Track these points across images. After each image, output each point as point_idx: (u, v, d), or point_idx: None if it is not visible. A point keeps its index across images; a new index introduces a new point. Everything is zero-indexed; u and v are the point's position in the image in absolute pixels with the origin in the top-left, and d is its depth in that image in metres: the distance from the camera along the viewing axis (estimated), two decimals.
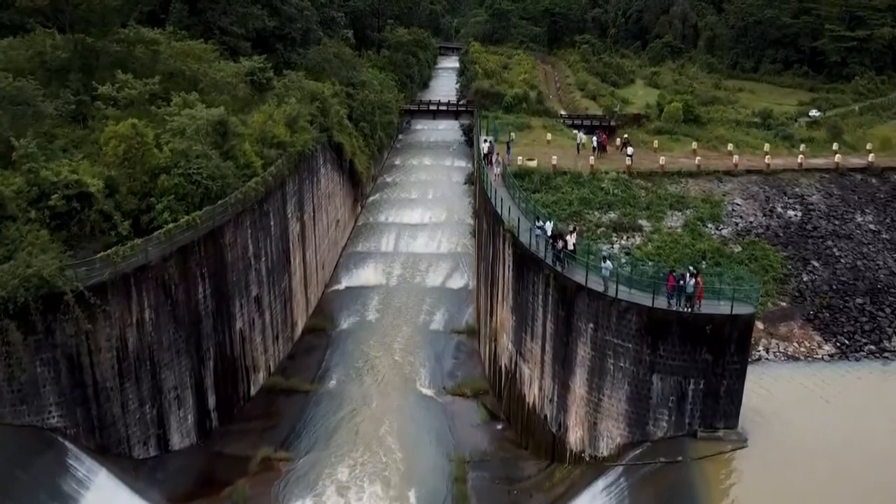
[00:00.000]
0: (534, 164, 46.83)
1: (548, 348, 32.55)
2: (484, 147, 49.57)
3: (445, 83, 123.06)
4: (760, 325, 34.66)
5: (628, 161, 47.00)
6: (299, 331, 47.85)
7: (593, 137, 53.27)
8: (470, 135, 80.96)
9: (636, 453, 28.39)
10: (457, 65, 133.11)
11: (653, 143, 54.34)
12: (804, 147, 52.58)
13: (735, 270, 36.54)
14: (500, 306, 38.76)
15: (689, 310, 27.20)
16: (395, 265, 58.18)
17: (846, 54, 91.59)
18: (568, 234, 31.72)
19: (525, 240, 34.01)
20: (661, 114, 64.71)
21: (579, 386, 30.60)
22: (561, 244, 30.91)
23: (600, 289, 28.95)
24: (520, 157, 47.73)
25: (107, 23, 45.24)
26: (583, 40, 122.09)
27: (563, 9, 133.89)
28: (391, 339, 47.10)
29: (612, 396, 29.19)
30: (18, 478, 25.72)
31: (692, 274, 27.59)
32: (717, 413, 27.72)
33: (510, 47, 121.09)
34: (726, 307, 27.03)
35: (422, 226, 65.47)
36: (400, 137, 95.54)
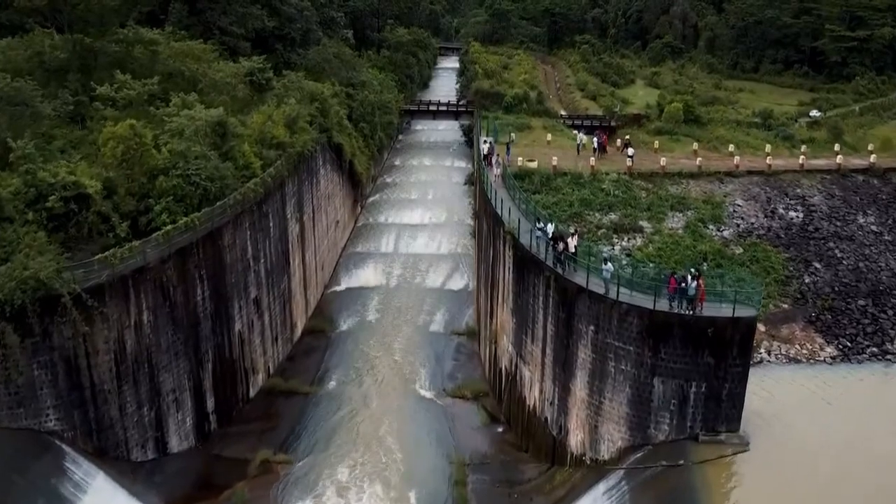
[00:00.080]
0: (534, 164, 46.63)
1: (548, 351, 32.37)
2: (484, 148, 49.34)
3: (445, 83, 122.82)
4: (762, 328, 34.51)
5: (629, 162, 46.79)
6: (299, 332, 47.63)
7: (594, 138, 53.05)
8: (470, 135, 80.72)
9: (637, 457, 28.27)
10: (457, 65, 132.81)
11: (653, 144, 54.18)
12: (805, 148, 52.42)
13: (736, 272, 36.37)
14: (501, 308, 38.58)
15: (691, 312, 27.06)
16: (395, 266, 57.99)
17: (846, 54, 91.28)
18: (569, 236, 31.52)
19: (525, 241, 33.84)
20: (661, 114, 64.44)
21: (580, 389, 30.45)
22: (561, 246, 30.72)
23: (601, 291, 28.81)
24: (520, 157, 47.52)
25: (105, 23, 45.01)
26: (583, 40, 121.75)
27: (563, 9, 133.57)
28: (391, 340, 46.93)
29: (614, 399, 29.04)
30: (15, 482, 25.65)
31: (694, 276, 27.43)
32: (719, 416, 27.60)
33: (510, 47, 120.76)
34: (728, 310, 26.88)
35: (422, 226, 65.24)
36: (400, 138, 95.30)
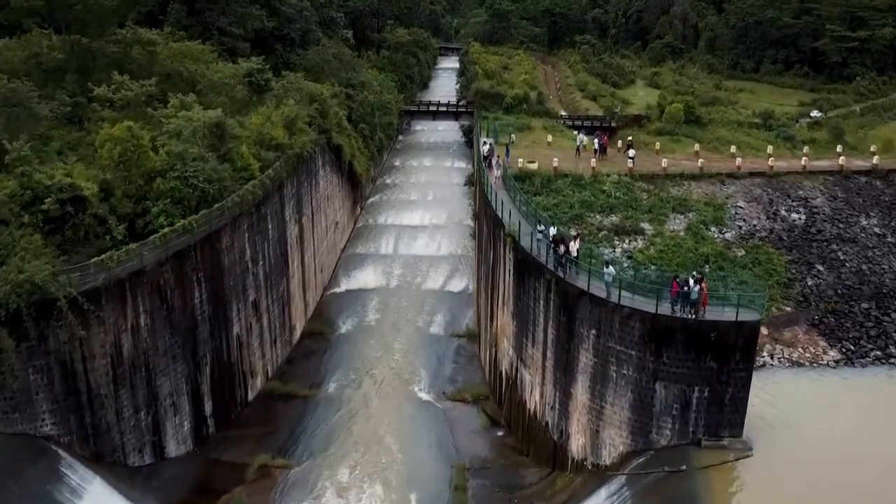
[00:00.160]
0: (534, 166, 46.36)
1: (549, 354, 32.09)
2: (484, 149, 49.04)
3: (445, 84, 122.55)
4: (765, 331, 34.17)
5: (630, 163, 46.49)
6: (298, 334, 47.33)
7: (594, 139, 52.74)
8: (470, 136, 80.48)
9: (639, 462, 27.99)
10: (457, 65, 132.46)
11: (654, 145, 53.81)
12: (807, 149, 52.14)
13: (738, 275, 36.10)
14: (501, 311, 38.30)
15: (694, 316, 26.79)
16: (395, 267, 57.70)
17: (847, 55, 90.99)
18: (571, 239, 31.16)
19: (526, 244, 33.55)
20: (661, 115, 64.12)
21: (581, 393, 30.17)
22: (563, 249, 30.41)
23: (603, 294, 28.52)
24: (520, 159, 47.23)
25: (103, 23, 44.65)
26: (583, 41, 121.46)
27: (564, 9, 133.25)
28: (391, 342, 46.66)
29: (615, 404, 28.77)
30: (11, 488, 25.39)
31: (696, 280, 27.14)
32: (722, 421, 27.33)
33: (510, 48, 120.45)
34: (731, 314, 26.61)
35: (421, 228, 64.96)
36: (400, 138, 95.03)
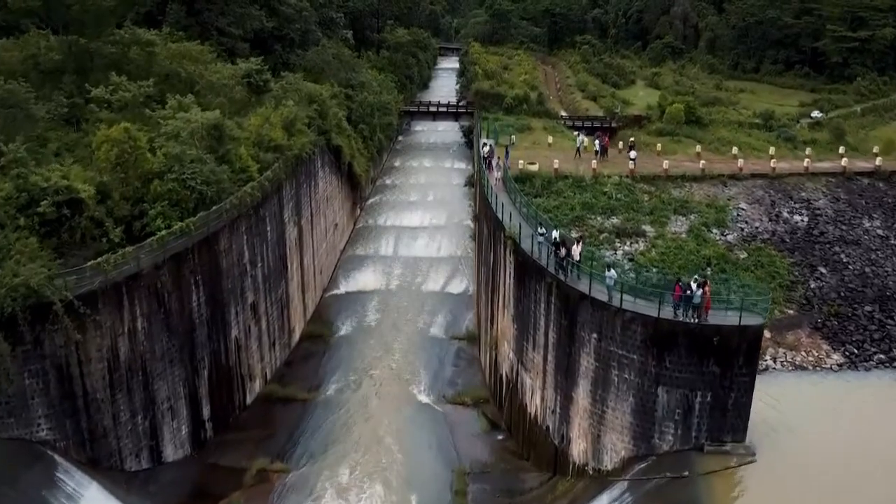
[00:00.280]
0: (535, 168, 46.06)
1: (550, 358, 31.80)
2: (484, 150, 48.76)
3: (445, 84, 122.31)
4: (767, 334, 33.84)
5: (631, 165, 46.19)
6: (297, 337, 47.02)
7: (595, 140, 52.45)
8: (470, 136, 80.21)
9: (641, 467, 27.71)
10: (457, 65, 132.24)
11: (655, 146, 53.48)
12: (809, 150, 51.87)
13: (741, 277, 35.81)
14: (501, 314, 38.01)
15: (696, 321, 26.50)
16: (395, 269, 57.44)
17: (848, 55, 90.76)
18: (573, 242, 30.79)
19: (527, 247, 33.26)
20: (662, 115, 63.87)
21: (582, 397, 29.88)
22: (564, 252, 30.10)
23: (604, 298, 28.23)
24: (521, 160, 46.94)
25: (101, 24, 44.40)
26: (583, 41, 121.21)
27: (564, 9, 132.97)
28: (390, 345, 46.37)
29: (617, 409, 28.49)
30: (6, 493, 25.11)
31: (700, 283, 26.84)
32: (725, 426, 27.04)
33: (510, 48, 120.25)
34: (734, 318, 26.35)
35: (421, 229, 64.72)
36: (399, 139, 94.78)
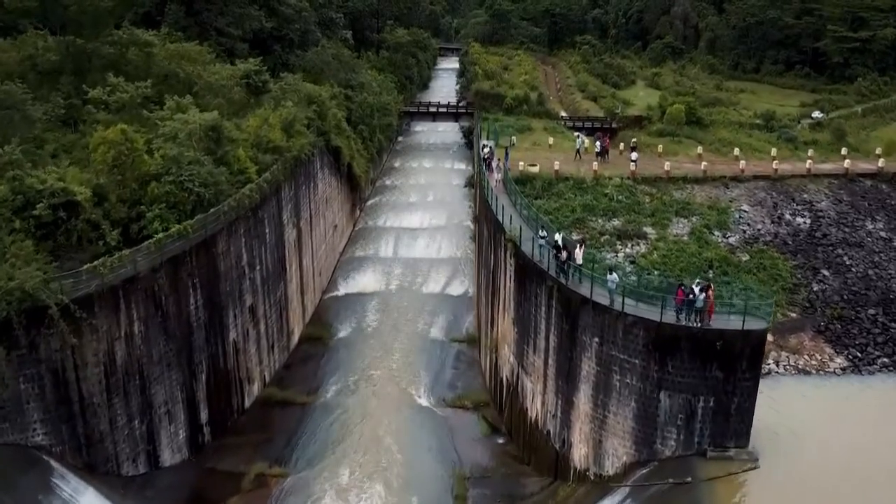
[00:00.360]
0: (536, 169, 45.74)
1: (551, 362, 31.50)
2: (484, 152, 48.46)
3: (445, 84, 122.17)
4: (770, 337, 33.42)
5: (632, 166, 45.86)
6: (296, 339, 46.73)
7: (596, 141, 52.12)
8: (470, 137, 79.99)
9: (643, 473, 27.41)
10: (457, 66, 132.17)
11: (657, 147, 53.14)
12: (811, 152, 51.58)
13: (743, 280, 35.51)
14: (502, 317, 37.72)
15: (699, 325, 26.21)
16: (394, 270, 57.14)
17: (848, 55, 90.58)
18: (576, 247, 30.44)
19: (527, 249, 32.97)
20: (662, 116, 63.58)
21: (584, 402, 29.59)
22: (565, 255, 29.79)
23: (606, 302, 27.94)
24: (521, 161, 46.64)
25: (99, 24, 44.17)
26: (583, 41, 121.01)
27: (564, 9, 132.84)
28: (390, 347, 46.07)
29: (618, 413, 28.20)
30: (1, 499, 24.86)
31: (703, 287, 26.54)
32: (728, 432, 26.74)
33: (510, 48, 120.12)
34: (737, 322, 26.03)
35: (421, 230, 64.45)
36: (399, 139, 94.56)
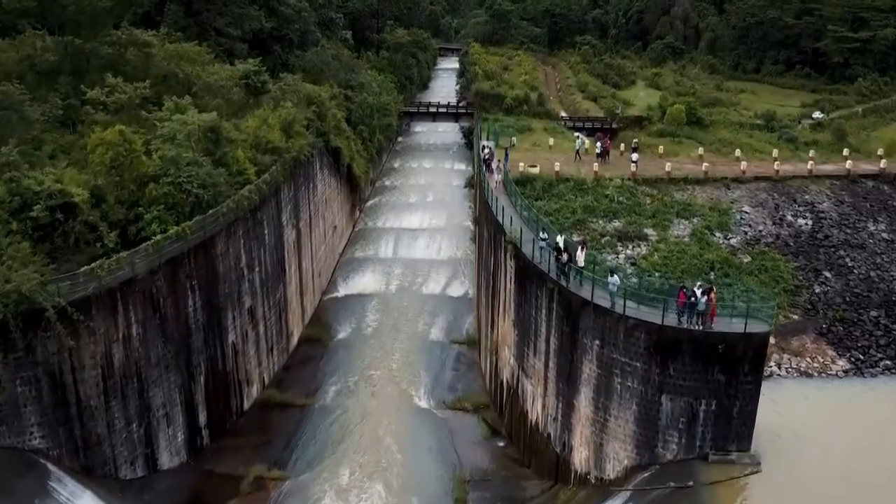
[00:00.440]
0: (536, 170, 45.54)
1: (551, 365, 31.30)
2: (484, 153, 48.25)
3: (445, 84, 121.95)
4: (772, 340, 33.28)
5: (633, 167, 45.66)
6: (295, 341, 46.52)
7: (596, 141, 51.89)
8: (470, 137, 79.80)
9: (644, 476, 27.21)
10: (457, 66, 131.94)
11: (657, 148, 52.91)
12: (812, 153, 51.38)
13: (744, 282, 35.32)
14: (502, 319, 37.53)
15: (701, 328, 26.02)
16: (394, 271, 56.95)
17: (849, 55, 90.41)
18: (577, 249, 30.24)
19: (528, 251, 32.77)
20: (662, 116, 63.39)
21: (585, 405, 29.39)
22: (565, 257, 29.59)
23: (607, 304, 27.74)
24: (521, 162, 46.43)
25: (98, 24, 43.98)
26: (583, 41, 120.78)
27: (564, 10, 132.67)
28: (389, 349, 45.90)
29: (620, 417, 28.00)
30: None
31: (705, 290, 26.34)
32: (730, 435, 26.55)
33: (510, 48, 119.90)
34: (739, 325, 25.82)
35: (421, 230, 64.25)
36: (399, 140, 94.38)
